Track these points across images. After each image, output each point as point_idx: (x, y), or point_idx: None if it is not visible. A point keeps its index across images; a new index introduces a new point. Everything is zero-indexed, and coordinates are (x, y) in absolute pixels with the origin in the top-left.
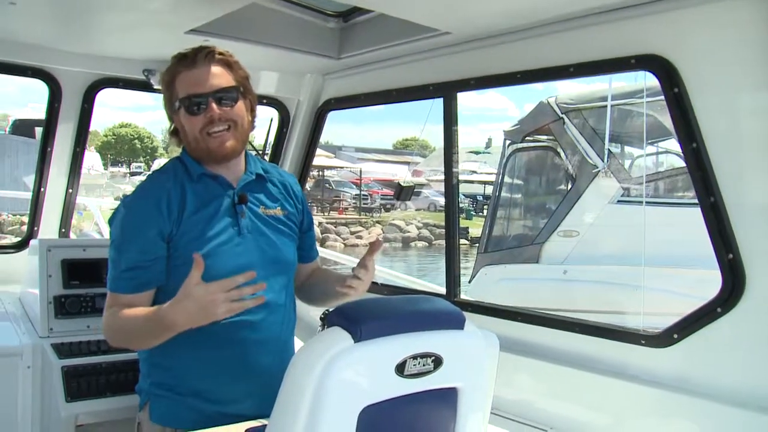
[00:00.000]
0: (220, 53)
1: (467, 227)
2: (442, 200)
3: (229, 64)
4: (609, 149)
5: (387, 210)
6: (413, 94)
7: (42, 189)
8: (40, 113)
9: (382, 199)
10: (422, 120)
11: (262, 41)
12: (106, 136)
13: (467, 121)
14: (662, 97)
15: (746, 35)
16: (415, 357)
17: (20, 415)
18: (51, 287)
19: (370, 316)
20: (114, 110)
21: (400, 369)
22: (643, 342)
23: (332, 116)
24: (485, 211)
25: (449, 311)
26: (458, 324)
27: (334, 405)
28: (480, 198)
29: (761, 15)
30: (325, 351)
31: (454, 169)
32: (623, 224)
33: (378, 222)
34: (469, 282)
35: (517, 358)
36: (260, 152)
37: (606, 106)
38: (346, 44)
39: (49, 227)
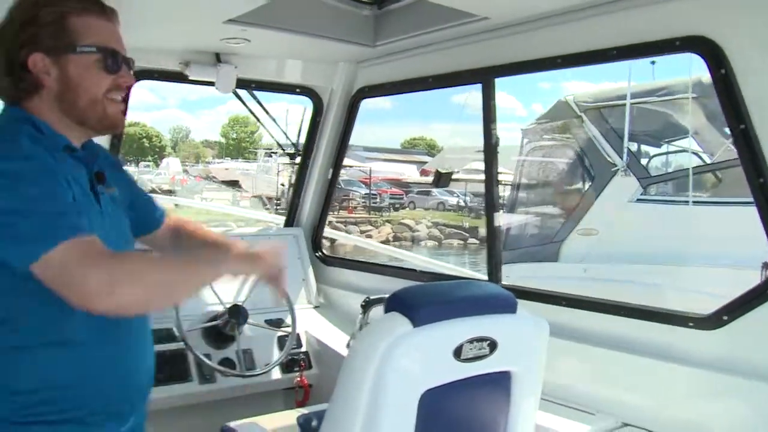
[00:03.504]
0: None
1: (477, 226)
2: (450, 200)
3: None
4: (628, 147)
5: (396, 209)
6: (450, 81)
7: None
8: None
9: (390, 198)
10: (429, 118)
11: (296, 30)
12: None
13: (475, 120)
14: (686, 95)
15: None
16: (471, 341)
17: None
18: None
19: (427, 302)
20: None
21: (458, 353)
22: (691, 324)
23: None
24: None
25: (503, 296)
26: (511, 308)
27: (395, 389)
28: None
29: None
30: (385, 336)
31: (495, 157)
32: (643, 223)
33: (387, 221)
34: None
35: (561, 342)
36: (294, 144)
37: (625, 104)
38: (381, 31)
39: None
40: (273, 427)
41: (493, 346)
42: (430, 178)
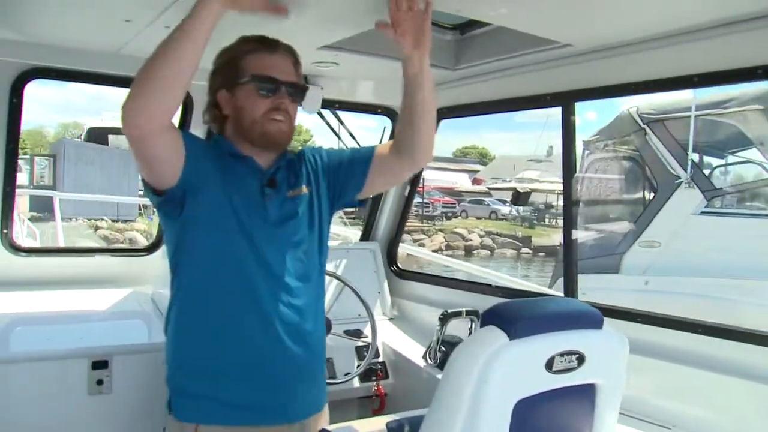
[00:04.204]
0: (294, 52)
1: (530, 236)
2: (503, 208)
3: (297, 65)
4: (692, 159)
5: (448, 218)
6: (529, 104)
7: None
8: (113, 122)
9: (443, 207)
10: (480, 127)
11: (382, 54)
12: None
13: (525, 128)
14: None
15: None
16: (562, 354)
17: (160, 408)
18: None
19: (522, 316)
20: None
21: (549, 365)
22: None
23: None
24: (547, 221)
25: (590, 312)
26: (597, 324)
27: (492, 398)
28: (542, 207)
29: None
30: (483, 348)
31: (573, 177)
32: (707, 236)
33: (440, 230)
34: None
35: (637, 357)
36: None
37: (690, 117)
38: (462, 56)
39: None
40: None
41: (581, 359)
42: (482, 187)
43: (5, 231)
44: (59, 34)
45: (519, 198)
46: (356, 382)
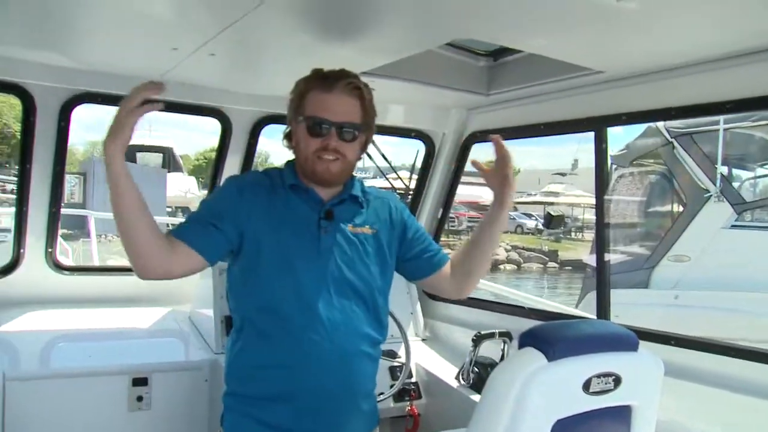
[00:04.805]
0: (358, 88)
1: (556, 250)
2: (529, 222)
3: (362, 100)
4: (722, 173)
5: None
6: (562, 128)
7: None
8: (141, 139)
9: (468, 221)
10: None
11: (417, 80)
12: (197, 160)
13: (550, 142)
14: None
15: None
16: (599, 376)
17: (198, 425)
18: (223, 307)
19: (560, 338)
20: (205, 135)
21: (586, 386)
22: None
23: None
24: (573, 234)
25: (626, 334)
26: (633, 346)
27: (530, 419)
28: (568, 221)
29: None
30: (522, 369)
31: (605, 199)
32: (738, 249)
33: None
34: (576, 306)
35: (672, 380)
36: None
37: (718, 130)
38: (495, 82)
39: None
40: None
41: (617, 381)
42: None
43: (50, 250)
44: (108, 60)
45: (551, 221)
46: (390, 403)
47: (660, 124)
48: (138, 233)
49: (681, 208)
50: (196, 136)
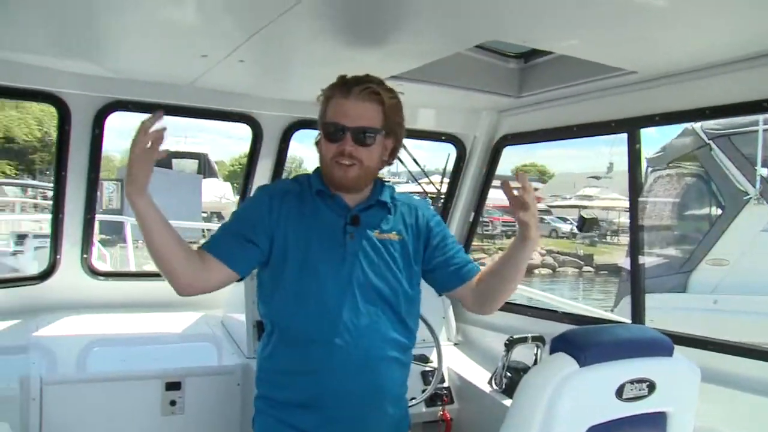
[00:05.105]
0: (376, 92)
1: (591, 254)
2: (563, 226)
3: (382, 105)
4: (761, 175)
5: (508, 237)
6: (594, 130)
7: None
8: (177, 146)
9: (502, 225)
10: (536, 145)
11: (447, 83)
12: (232, 165)
13: (582, 144)
14: None
15: None
16: (632, 382)
17: (230, 430)
18: (255, 312)
19: (592, 343)
20: (237, 141)
21: (619, 393)
22: None
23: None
24: (608, 238)
25: (660, 339)
26: (668, 351)
27: (562, 425)
28: (603, 224)
29: None
30: (553, 375)
31: (640, 201)
32: None
33: (500, 249)
34: (612, 311)
35: (710, 386)
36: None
37: (757, 131)
38: (525, 84)
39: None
40: None
41: (651, 387)
42: (541, 205)
43: (85, 256)
44: (140, 68)
45: (584, 224)
46: (422, 407)
47: (697, 126)
48: (170, 258)
49: (719, 211)
50: (231, 143)
